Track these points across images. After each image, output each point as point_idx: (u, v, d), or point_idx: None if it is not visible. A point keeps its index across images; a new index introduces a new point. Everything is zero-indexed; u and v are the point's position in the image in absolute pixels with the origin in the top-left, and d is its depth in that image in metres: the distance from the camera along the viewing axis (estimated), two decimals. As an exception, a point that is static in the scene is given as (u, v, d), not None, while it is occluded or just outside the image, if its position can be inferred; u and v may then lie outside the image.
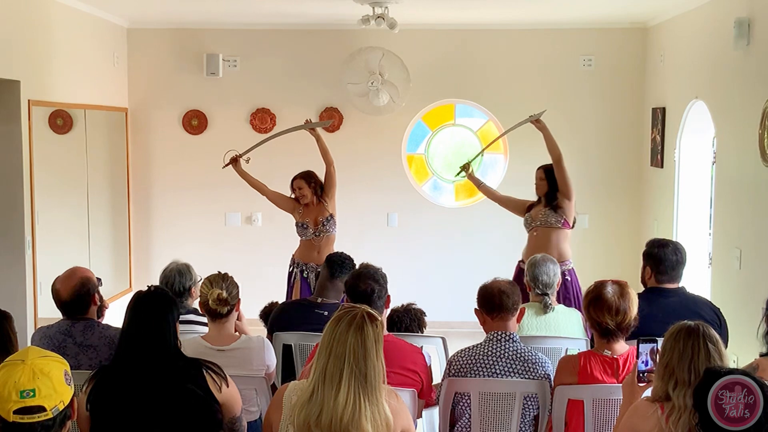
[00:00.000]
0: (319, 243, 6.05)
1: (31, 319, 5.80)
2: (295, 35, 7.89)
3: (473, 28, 7.80)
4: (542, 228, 5.80)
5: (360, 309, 2.59)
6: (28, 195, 5.83)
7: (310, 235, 6.04)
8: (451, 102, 8.14)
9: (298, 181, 6.10)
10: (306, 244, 6.10)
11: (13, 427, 2.10)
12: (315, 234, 6.04)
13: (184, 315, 4.05)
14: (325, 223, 6.05)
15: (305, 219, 6.07)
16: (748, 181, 5.41)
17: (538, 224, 5.81)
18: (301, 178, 6.10)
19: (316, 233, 6.04)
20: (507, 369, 3.44)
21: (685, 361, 2.61)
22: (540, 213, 5.84)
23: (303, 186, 6.07)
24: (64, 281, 3.66)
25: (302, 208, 6.10)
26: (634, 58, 7.84)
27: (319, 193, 6.09)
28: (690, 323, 2.68)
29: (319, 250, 6.01)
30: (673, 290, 4.16)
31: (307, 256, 6.07)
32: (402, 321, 4.48)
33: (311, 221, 6.05)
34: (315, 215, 6.07)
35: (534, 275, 4.40)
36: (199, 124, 7.98)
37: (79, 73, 6.78)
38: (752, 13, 5.38)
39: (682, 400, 2.57)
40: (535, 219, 5.85)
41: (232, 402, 2.98)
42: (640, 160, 7.84)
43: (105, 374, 2.90)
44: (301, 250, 6.14)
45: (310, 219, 6.06)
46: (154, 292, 3.03)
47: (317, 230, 6.04)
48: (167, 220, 8.08)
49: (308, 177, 6.11)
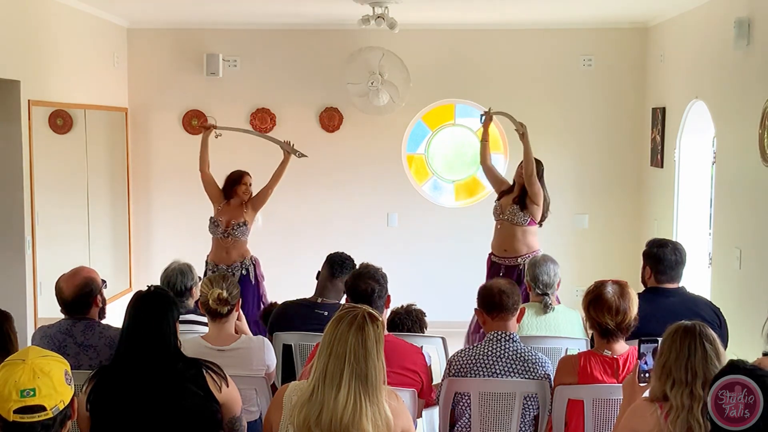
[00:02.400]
0: (226, 244, 6.05)
1: (31, 319, 5.80)
2: (295, 35, 7.89)
3: (473, 28, 7.80)
4: (506, 222, 5.91)
5: (361, 309, 2.59)
6: (28, 195, 5.82)
7: (219, 234, 6.06)
8: (451, 102, 8.14)
9: (248, 177, 6.15)
10: (216, 242, 6.11)
11: (14, 426, 2.10)
12: (223, 234, 6.05)
13: (184, 315, 4.05)
14: (236, 227, 6.04)
15: (219, 217, 6.09)
16: (748, 181, 5.41)
17: (505, 219, 5.93)
18: (249, 175, 6.18)
19: (224, 234, 6.05)
20: (507, 369, 3.44)
21: (681, 361, 2.61)
22: (508, 208, 5.92)
23: (251, 183, 6.14)
24: (68, 279, 3.67)
25: (222, 205, 6.12)
26: (634, 58, 7.84)
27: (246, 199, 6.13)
28: (687, 323, 2.68)
29: (227, 251, 6.04)
30: (673, 290, 4.16)
31: (219, 257, 6.09)
32: (404, 323, 4.49)
33: (223, 221, 6.06)
34: (229, 217, 6.07)
35: (534, 275, 4.41)
36: (200, 124, 7.98)
37: (79, 73, 6.78)
38: (752, 13, 5.38)
39: (679, 400, 2.57)
40: (503, 212, 5.95)
41: (232, 402, 2.98)
42: (640, 160, 7.84)
43: (105, 374, 2.90)
44: (213, 250, 6.14)
45: (223, 219, 6.07)
46: (154, 292, 3.03)
47: (226, 231, 6.05)
48: (167, 220, 8.08)
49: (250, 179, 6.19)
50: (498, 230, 6.01)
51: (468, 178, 8.35)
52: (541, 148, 6.30)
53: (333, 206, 8.02)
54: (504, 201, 6.02)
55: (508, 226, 5.91)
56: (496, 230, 6.03)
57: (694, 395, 2.56)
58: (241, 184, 6.10)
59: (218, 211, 6.11)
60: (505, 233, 5.92)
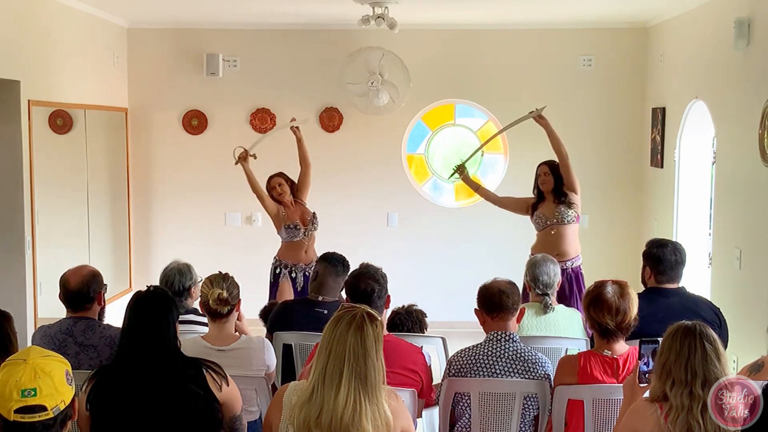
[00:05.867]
0: (307, 242, 6.16)
1: (31, 319, 5.80)
2: (295, 35, 7.89)
3: (473, 28, 7.80)
4: (559, 226, 5.80)
5: (360, 309, 2.59)
6: (28, 195, 5.82)
7: (301, 235, 6.11)
8: (451, 102, 8.14)
9: (278, 178, 6.20)
10: (293, 245, 6.14)
11: (14, 426, 2.10)
12: (305, 234, 6.12)
13: (184, 315, 4.05)
14: (313, 221, 6.17)
15: (293, 221, 6.12)
16: (748, 182, 5.41)
17: (555, 222, 5.81)
18: (279, 176, 6.23)
19: (305, 233, 6.12)
20: (507, 369, 3.44)
21: (681, 361, 2.61)
22: (555, 211, 5.81)
23: (283, 182, 6.17)
24: (74, 272, 3.69)
25: (285, 211, 6.15)
26: (634, 58, 7.84)
27: (294, 193, 6.19)
28: (687, 323, 2.68)
29: (307, 250, 6.13)
30: (673, 290, 4.16)
31: (296, 257, 6.13)
32: (404, 324, 4.48)
33: (300, 221, 6.12)
34: (301, 215, 6.16)
35: (534, 275, 4.40)
36: (199, 124, 7.98)
37: (79, 73, 6.78)
38: (752, 13, 5.38)
39: (679, 400, 2.57)
40: (551, 217, 5.82)
41: (232, 401, 2.98)
42: (640, 160, 7.84)
43: (105, 374, 2.90)
44: (287, 251, 6.17)
45: (298, 219, 6.13)
46: (154, 292, 3.03)
47: (307, 230, 6.12)
48: (167, 220, 8.08)
49: (284, 175, 6.25)
50: (547, 237, 5.82)
51: (468, 178, 8.34)
52: (542, 148, 6.29)
53: (333, 206, 8.01)
54: (544, 209, 5.87)
55: (560, 229, 5.79)
56: (545, 237, 5.84)
57: (693, 395, 2.57)
58: (271, 189, 6.15)
59: (286, 217, 6.13)
60: (557, 238, 5.78)
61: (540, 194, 5.95)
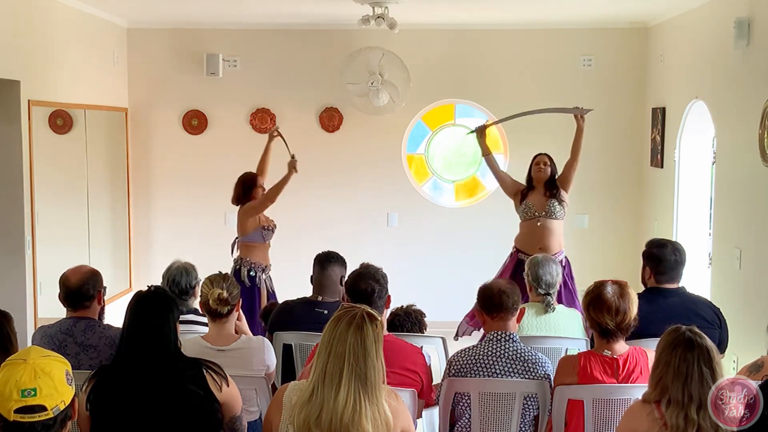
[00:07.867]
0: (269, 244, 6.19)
1: (31, 319, 5.80)
2: (295, 35, 7.89)
3: (473, 28, 7.80)
4: (546, 219, 5.86)
5: (360, 309, 2.59)
6: (28, 195, 5.82)
7: (272, 236, 6.15)
8: (451, 102, 8.14)
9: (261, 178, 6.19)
10: (263, 247, 6.14)
11: (14, 426, 2.10)
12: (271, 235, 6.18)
13: (185, 315, 4.05)
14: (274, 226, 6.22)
15: (269, 223, 6.14)
16: (748, 181, 5.41)
17: (543, 215, 5.87)
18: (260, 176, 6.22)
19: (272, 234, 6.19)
20: (507, 369, 3.44)
21: (678, 382, 2.60)
22: (546, 204, 5.87)
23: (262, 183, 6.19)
24: (73, 270, 3.69)
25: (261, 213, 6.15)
26: (634, 58, 7.84)
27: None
28: (687, 334, 2.66)
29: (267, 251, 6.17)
30: (673, 290, 4.16)
31: (266, 257, 6.15)
32: (403, 324, 4.48)
33: (271, 224, 6.15)
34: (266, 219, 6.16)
35: (537, 275, 4.39)
36: (199, 124, 7.98)
37: (79, 73, 6.78)
38: (752, 13, 5.38)
39: (674, 420, 2.57)
40: (540, 209, 5.89)
41: (232, 401, 2.98)
42: (640, 160, 7.84)
43: (105, 374, 2.90)
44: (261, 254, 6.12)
45: (269, 222, 6.16)
46: (154, 292, 3.03)
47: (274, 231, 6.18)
48: (167, 220, 8.08)
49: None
50: (532, 229, 5.90)
51: (468, 178, 8.35)
52: (541, 148, 6.29)
53: (333, 206, 8.02)
54: (534, 199, 5.94)
55: (546, 222, 5.85)
56: (530, 227, 5.92)
57: (688, 419, 2.57)
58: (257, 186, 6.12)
59: (266, 219, 6.14)
60: (543, 231, 5.86)
61: (530, 184, 5.98)
